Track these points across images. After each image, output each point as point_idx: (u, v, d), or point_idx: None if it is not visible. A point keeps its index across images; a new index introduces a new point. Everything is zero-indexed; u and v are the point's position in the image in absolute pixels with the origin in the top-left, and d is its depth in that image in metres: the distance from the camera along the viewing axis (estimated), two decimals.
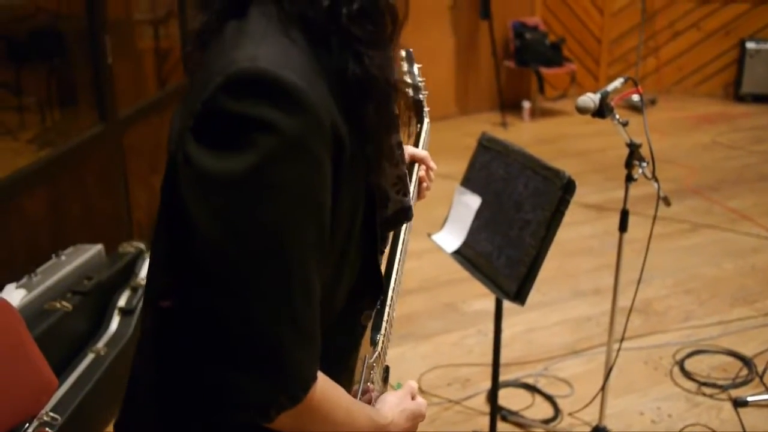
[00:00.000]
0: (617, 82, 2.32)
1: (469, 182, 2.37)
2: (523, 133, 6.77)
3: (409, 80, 1.60)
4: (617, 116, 2.25)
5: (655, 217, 2.34)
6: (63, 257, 2.79)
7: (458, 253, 2.31)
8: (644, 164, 2.34)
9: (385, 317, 1.18)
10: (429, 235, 2.41)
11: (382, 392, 1.18)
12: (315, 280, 0.88)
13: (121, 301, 2.86)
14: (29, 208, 2.89)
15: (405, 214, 1.12)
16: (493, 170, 2.29)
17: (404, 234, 1.30)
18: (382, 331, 1.17)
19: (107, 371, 2.58)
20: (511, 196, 2.18)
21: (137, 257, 3.12)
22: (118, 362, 2.66)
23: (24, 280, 2.56)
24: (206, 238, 0.83)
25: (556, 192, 2.03)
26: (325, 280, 0.95)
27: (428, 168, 1.48)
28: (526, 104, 7.15)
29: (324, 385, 0.93)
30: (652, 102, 7.40)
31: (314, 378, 0.90)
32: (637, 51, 7.69)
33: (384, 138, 0.98)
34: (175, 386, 0.97)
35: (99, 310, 2.82)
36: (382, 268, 1.18)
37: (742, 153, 6.07)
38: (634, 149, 2.32)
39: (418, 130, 1.58)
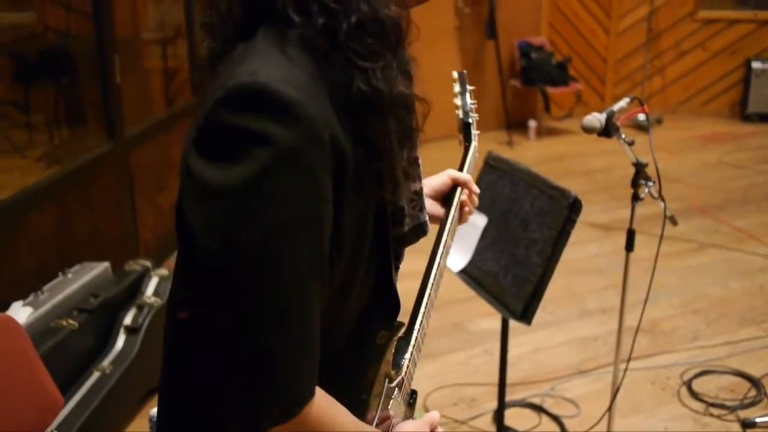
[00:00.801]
0: (623, 102, 2.32)
1: None
2: (529, 152, 6.77)
3: (459, 102, 1.60)
4: (623, 136, 2.26)
5: (661, 237, 2.34)
6: (70, 275, 2.80)
7: (464, 273, 2.31)
8: (650, 184, 2.34)
9: (413, 341, 1.15)
10: None
11: (406, 417, 1.16)
12: (311, 292, 0.87)
13: (127, 319, 2.86)
14: (37, 226, 2.90)
15: (422, 229, 1.11)
16: (499, 189, 2.29)
17: (439, 257, 1.27)
18: (408, 355, 1.14)
19: (113, 389, 2.58)
20: (517, 215, 2.18)
21: (143, 275, 3.12)
22: (123, 380, 2.66)
23: (30, 298, 2.57)
24: (203, 248, 0.84)
25: (562, 211, 2.03)
26: (332, 296, 0.95)
27: (471, 192, 1.45)
28: (532, 123, 7.16)
29: (323, 403, 0.92)
30: (658, 121, 7.41)
31: (310, 394, 0.89)
32: (643, 70, 7.71)
33: (395, 153, 0.97)
34: (184, 393, 0.98)
35: (105, 328, 2.82)
36: (413, 288, 1.17)
37: (748, 172, 6.06)
38: (640, 169, 2.32)
39: (464, 153, 1.56)
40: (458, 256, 2.35)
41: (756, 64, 7.42)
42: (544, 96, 7.17)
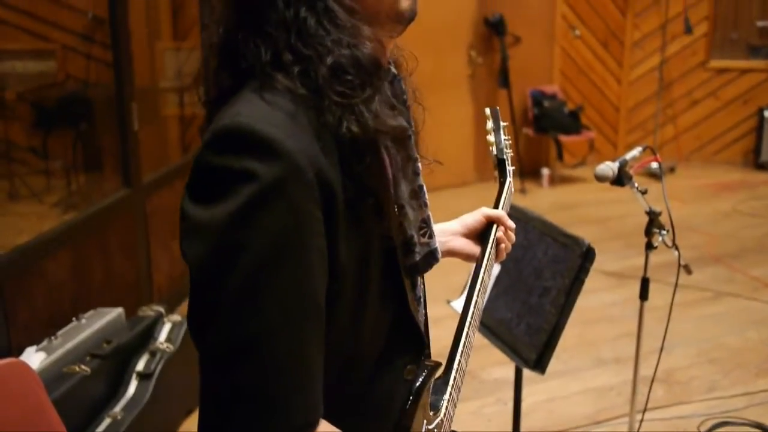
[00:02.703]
0: (636, 151, 2.34)
1: None
2: (542, 200, 6.78)
3: (492, 139, 1.58)
4: (636, 184, 2.26)
5: (676, 285, 2.33)
6: (83, 320, 2.81)
7: None
8: (664, 232, 2.34)
9: (451, 381, 1.15)
10: (448, 301, 2.40)
11: None
12: (301, 323, 0.88)
13: (140, 365, 2.86)
14: (52, 271, 2.92)
15: (434, 256, 1.11)
16: None
17: (476, 296, 1.27)
18: (446, 396, 1.13)
19: None
20: (530, 263, 2.18)
21: (156, 321, 3.12)
22: (134, 427, 2.64)
23: (44, 343, 2.57)
24: (195, 283, 0.88)
25: (576, 259, 2.03)
26: (342, 330, 0.96)
27: (506, 228, 1.43)
28: (545, 171, 7.18)
29: None
30: (671, 170, 7.41)
31: (307, 426, 0.89)
32: (655, 119, 7.74)
33: (389, 185, 0.98)
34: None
35: (117, 374, 2.82)
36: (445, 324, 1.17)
37: (763, 221, 6.03)
38: (653, 217, 2.33)
39: (499, 189, 1.55)
40: None
41: None
42: (557, 144, 7.20)
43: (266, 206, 0.84)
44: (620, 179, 2.21)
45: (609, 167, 2.19)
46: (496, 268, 2.29)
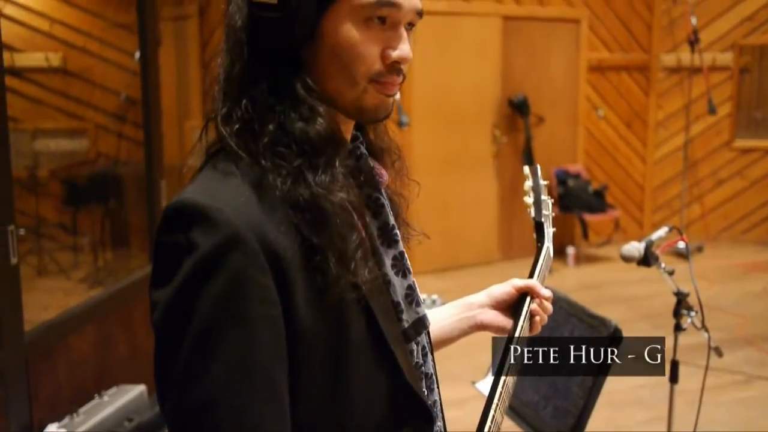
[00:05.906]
0: (662, 231, 2.32)
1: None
2: (568, 279, 6.72)
3: (529, 200, 1.50)
4: (663, 265, 2.24)
5: (707, 368, 2.28)
6: (106, 397, 2.79)
7: None
8: (693, 313, 2.30)
9: None
10: (473, 382, 2.36)
11: None
12: (248, 388, 0.88)
13: None
14: (77, 347, 2.92)
15: (422, 323, 1.09)
16: None
17: (505, 374, 1.19)
18: None
19: None
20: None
21: None
22: None
23: (66, 420, 2.56)
24: (154, 356, 0.91)
25: (603, 341, 2.00)
26: (320, 397, 0.95)
27: (541, 298, 1.31)
28: (571, 250, 7.15)
29: None
30: (699, 249, 7.34)
31: None
32: (681, 198, 7.72)
33: (347, 252, 0.95)
34: None
35: None
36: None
37: None
38: (681, 298, 2.30)
39: (536, 255, 1.43)
40: None
41: None
42: (582, 223, 7.19)
43: (207, 276, 0.87)
44: (647, 260, 2.20)
45: (635, 248, 2.18)
46: None
